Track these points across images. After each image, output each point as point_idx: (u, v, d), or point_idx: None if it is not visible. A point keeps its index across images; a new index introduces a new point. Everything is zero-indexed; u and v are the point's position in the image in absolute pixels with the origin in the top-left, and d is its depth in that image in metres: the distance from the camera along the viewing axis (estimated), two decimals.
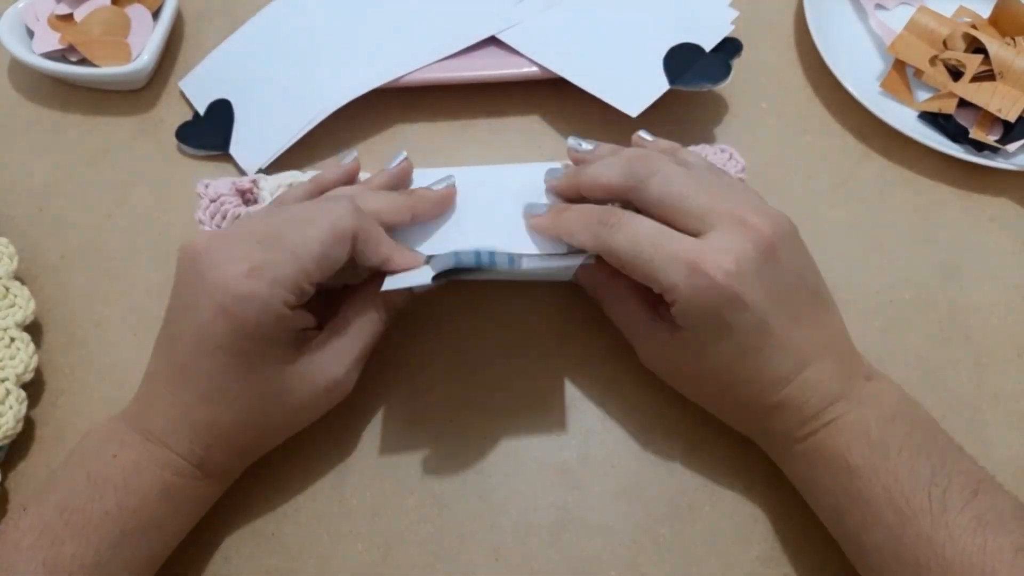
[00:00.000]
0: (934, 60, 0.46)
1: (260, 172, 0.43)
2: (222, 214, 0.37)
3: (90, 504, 0.28)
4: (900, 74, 0.47)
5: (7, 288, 0.37)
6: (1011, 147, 0.43)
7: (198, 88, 0.47)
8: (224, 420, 0.30)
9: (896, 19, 0.49)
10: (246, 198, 0.38)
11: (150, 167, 0.44)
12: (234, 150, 0.44)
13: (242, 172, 0.44)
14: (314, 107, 0.43)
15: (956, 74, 0.45)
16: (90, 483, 0.29)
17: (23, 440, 0.36)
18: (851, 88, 0.44)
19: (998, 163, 0.42)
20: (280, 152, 0.43)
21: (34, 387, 0.37)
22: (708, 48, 0.43)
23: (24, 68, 0.46)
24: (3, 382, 0.35)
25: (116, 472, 0.29)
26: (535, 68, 0.44)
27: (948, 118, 0.44)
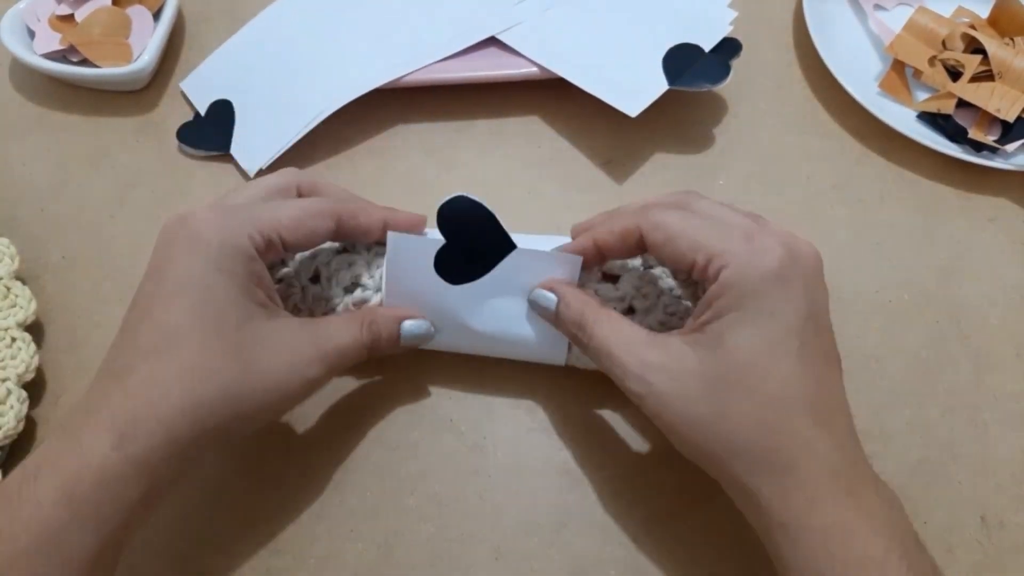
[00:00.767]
0: (933, 60, 0.46)
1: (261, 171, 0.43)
2: None
3: None
4: (899, 74, 0.47)
5: (8, 288, 0.37)
6: (1010, 147, 0.43)
7: (199, 88, 0.47)
8: (182, 377, 0.27)
9: (895, 19, 0.49)
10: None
11: (151, 167, 0.45)
12: (235, 150, 0.44)
13: (243, 172, 0.44)
14: (314, 107, 0.43)
15: (955, 74, 0.45)
16: None
17: (24, 440, 0.36)
18: (850, 88, 0.44)
19: (997, 163, 0.42)
20: (281, 152, 0.43)
21: (35, 387, 0.37)
22: (707, 48, 0.43)
23: (25, 69, 0.47)
24: (4, 382, 0.35)
25: (14, 480, 0.26)
26: (535, 68, 0.44)
27: (947, 118, 0.44)
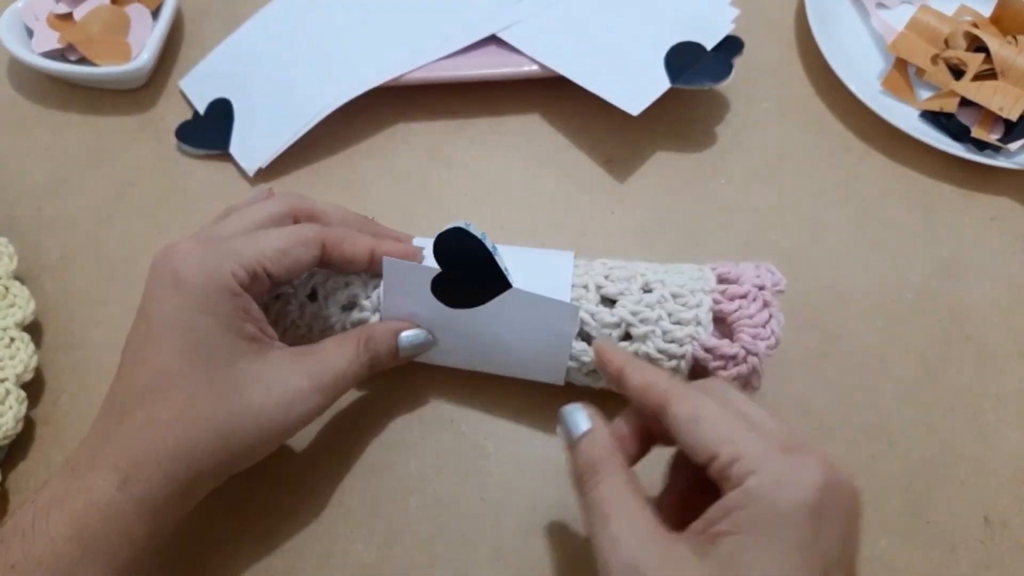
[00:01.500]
0: (935, 59, 0.46)
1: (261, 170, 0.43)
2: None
3: None
4: (901, 73, 0.47)
5: (7, 288, 0.37)
6: (1012, 146, 0.43)
7: (198, 87, 0.47)
8: (175, 421, 0.27)
9: (897, 18, 0.48)
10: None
11: (150, 166, 0.44)
12: (234, 149, 0.44)
13: (242, 171, 0.44)
14: (314, 106, 0.43)
15: (957, 73, 0.45)
16: (1, 534, 0.26)
17: (23, 440, 0.36)
18: (852, 87, 0.44)
19: (999, 162, 0.42)
20: (280, 151, 0.43)
21: (34, 387, 0.37)
22: (709, 46, 0.43)
23: (24, 67, 0.46)
24: (3, 382, 0.35)
25: (26, 516, 0.26)
26: (535, 66, 0.44)
27: (949, 117, 0.44)
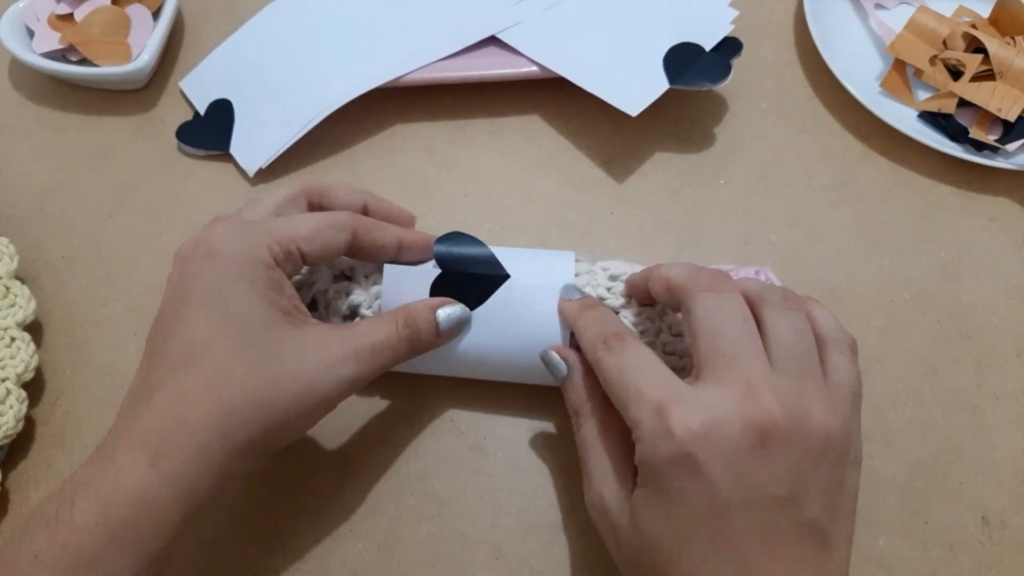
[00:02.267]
0: (934, 60, 0.46)
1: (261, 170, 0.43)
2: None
3: (20, 548, 0.24)
4: (900, 73, 0.47)
5: (8, 288, 0.37)
6: (1011, 147, 0.43)
7: (198, 88, 0.47)
8: (207, 389, 0.26)
9: (896, 19, 0.49)
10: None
11: (150, 167, 0.44)
12: (234, 150, 0.44)
13: (242, 172, 0.44)
14: (314, 107, 0.43)
15: (956, 74, 0.45)
16: (26, 524, 0.25)
17: (23, 440, 0.36)
18: (851, 88, 0.44)
19: (998, 163, 0.42)
20: (280, 152, 0.43)
21: (35, 387, 0.37)
22: (708, 47, 0.43)
23: (24, 68, 0.46)
24: (3, 381, 0.35)
25: (51, 505, 0.25)
26: (535, 67, 0.44)
27: (948, 118, 0.44)
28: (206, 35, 0.49)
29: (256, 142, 0.44)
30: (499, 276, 0.32)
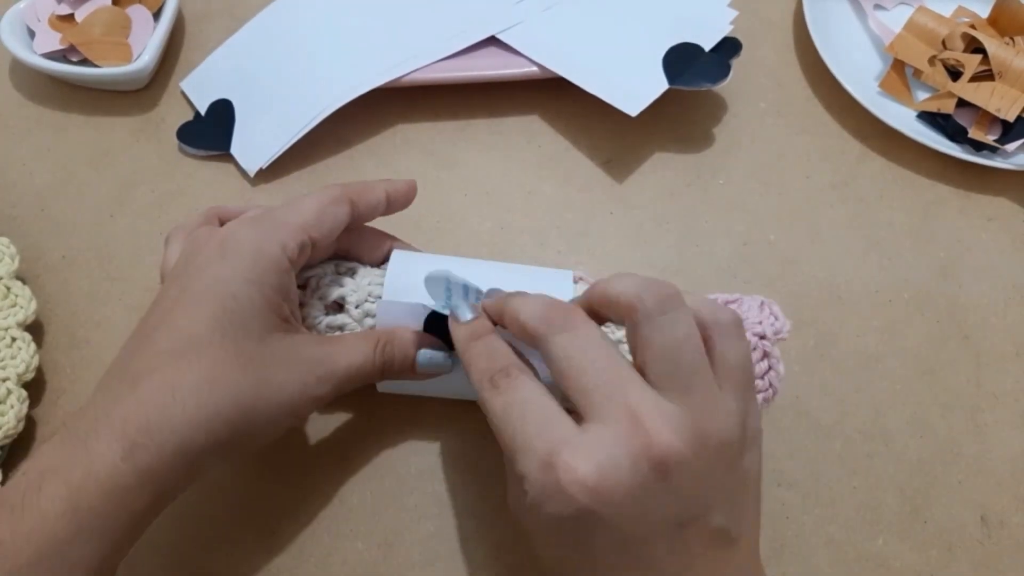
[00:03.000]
0: (933, 60, 0.46)
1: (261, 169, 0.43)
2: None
3: None
4: (899, 74, 0.47)
5: (9, 288, 0.37)
6: (1010, 147, 0.43)
7: (199, 88, 0.47)
8: (197, 387, 0.26)
9: (895, 19, 0.49)
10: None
11: (151, 167, 0.45)
12: (235, 150, 0.44)
13: (243, 172, 0.44)
14: (315, 107, 0.43)
15: (955, 74, 0.46)
16: None
17: (24, 440, 0.36)
18: (850, 88, 0.44)
19: (997, 163, 0.42)
20: (281, 152, 0.43)
21: (35, 386, 0.37)
22: (707, 48, 0.43)
23: (25, 68, 0.47)
24: (4, 381, 0.35)
25: (17, 489, 0.24)
26: (535, 68, 0.44)
27: (947, 118, 0.44)
28: (207, 35, 0.49)
29: (257, 142, 0.44)
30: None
